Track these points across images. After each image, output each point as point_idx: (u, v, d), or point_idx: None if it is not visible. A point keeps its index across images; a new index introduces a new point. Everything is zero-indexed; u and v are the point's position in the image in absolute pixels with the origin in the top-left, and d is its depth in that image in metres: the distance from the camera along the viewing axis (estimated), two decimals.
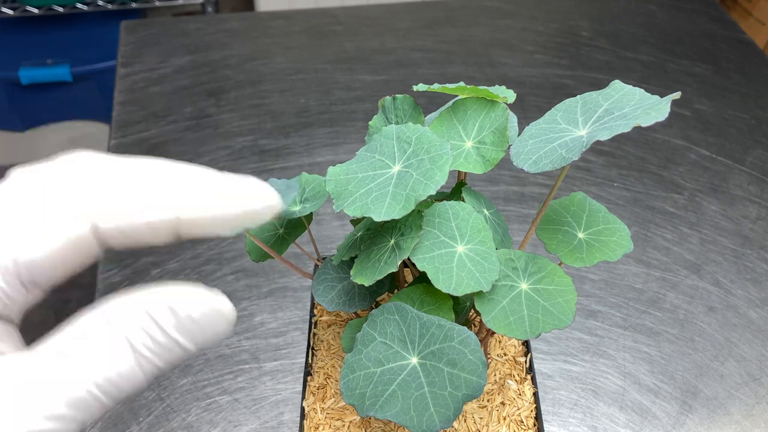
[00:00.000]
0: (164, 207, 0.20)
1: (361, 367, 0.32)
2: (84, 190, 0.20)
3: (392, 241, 0.33)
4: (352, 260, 0.38)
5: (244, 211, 0.21)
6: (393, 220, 0.34)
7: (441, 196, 0.39)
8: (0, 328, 0.20)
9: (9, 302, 0.20)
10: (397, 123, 0.40)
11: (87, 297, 1.44)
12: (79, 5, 1.64)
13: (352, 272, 0.34)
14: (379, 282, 0.37)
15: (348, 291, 0.38)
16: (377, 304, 0.43)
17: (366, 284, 0.32)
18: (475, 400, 0.43)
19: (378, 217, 0.31)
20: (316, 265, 0.42)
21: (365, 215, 0.31)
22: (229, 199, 0.21)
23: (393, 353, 0.31)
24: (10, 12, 1.64)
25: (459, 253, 0.32)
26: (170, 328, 0.19)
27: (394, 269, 0.31)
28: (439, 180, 0.31)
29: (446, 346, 0.31)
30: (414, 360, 0.31)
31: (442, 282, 0.31)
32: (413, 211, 0.33)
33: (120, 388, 0.19)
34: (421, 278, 0.36)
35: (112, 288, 0.62)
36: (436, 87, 0.37)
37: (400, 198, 0.31)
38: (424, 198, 0.31)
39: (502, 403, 0.43)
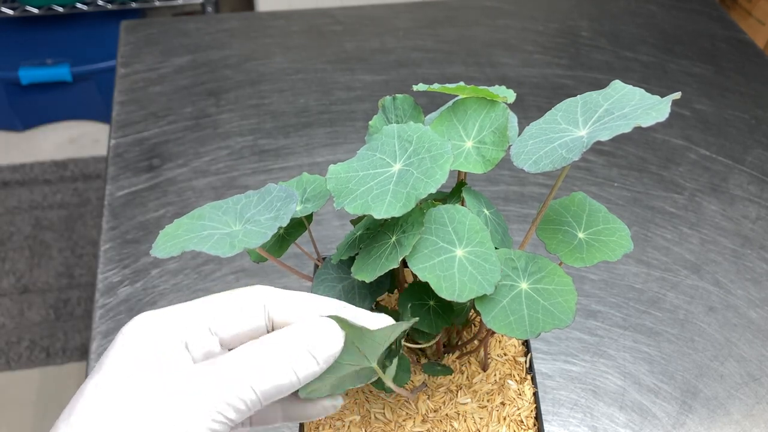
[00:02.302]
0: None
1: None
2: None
3: (393, 238, 0.33)
4: (351, 260, 0.38)
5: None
6: (394, 218, 0.34)
7: (441, 196, 0.39)
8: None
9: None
10: (397, 123, 0.40)
11: (87, 297, 1.44)
12: (79, 5, 1.64)
13: (353, 269, 0.34)
14: (379, 281, 0.37)
15: (348, 290, 0.38)
16: (377, 304, 0.43)
17: (367, 280, 0.32)
18: (475, 400, 0.43)
19: (378, 215, 0.31)
20: (316, 266, 0.42)
21: (366, 213, 0.31)
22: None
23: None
24: (10, 12, 1.64)
25: (459, 257, 0.32)
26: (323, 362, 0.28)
27: (396, 265, 0.31)
28: (440, 178, 0.31)
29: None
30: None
31: (446, 290, 0.31)
32: (415, 208, 0.33)
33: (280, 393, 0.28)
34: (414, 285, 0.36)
35: (112, 288, 0.62)
36: (436, 87, 0.37)
37: (400, 196, 0.31)
38: (425, 196, 0.31)
39: (502, 403, 0.43)
